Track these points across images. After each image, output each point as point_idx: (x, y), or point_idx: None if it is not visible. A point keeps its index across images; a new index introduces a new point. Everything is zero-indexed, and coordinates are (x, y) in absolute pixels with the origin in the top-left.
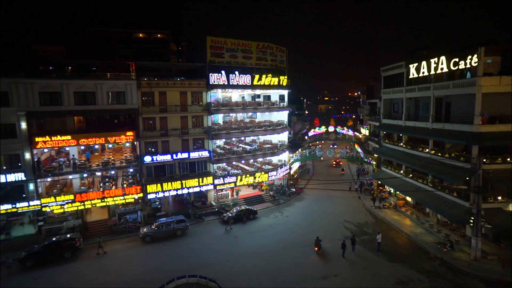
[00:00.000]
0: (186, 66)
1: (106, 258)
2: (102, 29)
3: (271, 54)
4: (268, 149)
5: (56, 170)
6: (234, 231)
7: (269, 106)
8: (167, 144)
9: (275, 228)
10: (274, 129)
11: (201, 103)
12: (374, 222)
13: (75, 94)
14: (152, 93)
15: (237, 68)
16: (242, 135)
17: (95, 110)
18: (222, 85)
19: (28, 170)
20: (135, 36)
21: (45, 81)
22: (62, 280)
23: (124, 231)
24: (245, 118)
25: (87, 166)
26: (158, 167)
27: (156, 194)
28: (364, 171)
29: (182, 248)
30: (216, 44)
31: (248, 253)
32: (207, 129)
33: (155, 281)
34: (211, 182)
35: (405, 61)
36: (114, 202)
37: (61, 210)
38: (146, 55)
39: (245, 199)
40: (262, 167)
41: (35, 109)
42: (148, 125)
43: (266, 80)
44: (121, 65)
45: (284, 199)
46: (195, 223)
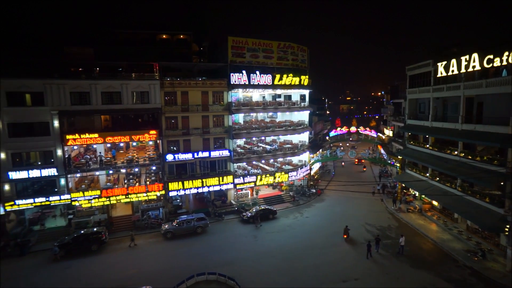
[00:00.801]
0: (207, 66)
1: (130, 252)
2: (128, 31)
3: (292, 53)
4: (288, 149)
5: (84, 167)
6: (253, 231)
7: (290, 106)
8: (189, 143)
9: (295, 228)
10: (294, 129)
11: (222, 103)
12: (398, 226)
13: (103, 94)
14: (174, 92)
15: (258, 68)
16: (262, 135)
17: (121, 109)
18: (243, 85)
19: (59, 166)
20: (158, 37)
21: (75, 82)
22: (90, 271)
23: (147, 227)
24: (266, 118)
25: (112, 163)
26: (179, 165)
27: (177, 192)
28: (387, 173)
29: (202, 246)
30: (237, 44)
31: (267, 253)
32: (228, 129)
33: (175, 277)
34: (231, 181)
35: (432, 59)
36: (138, 198)
37: (88, 205)
38: (169, 55)
39: (264, 199)
40: (282, 167)
41: (66, 108)
42: (170, 124)
43: (287, 80)
44: (145, 66)
45: (304, 200)
46: (215, 222)
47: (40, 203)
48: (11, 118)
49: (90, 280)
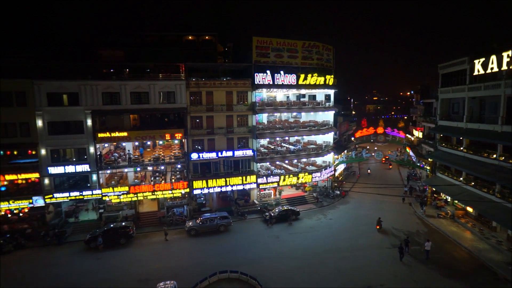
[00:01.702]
0: (232, 67)
1: (155, 247)
2: (156, 33)
3: (317, 53)
4: (312, 149)
5: (114, 164)
6: (276, 231)
7: (314, 106)
8: (213, 142)
9: (318, 230)
10: (319, 129)
11: (246, 103)
12: (427, 232)
13: (132, 94)
14: (199, 92)
15: (282, 67)
16: (286, 135)
17: (148, 109)
18: (267, 85)
19: (92, 162)
20: (185, 38)
21: (107, 83)
22: (118, 263)
23: (172, 223)
24: (290, 118)
25: (140, 160)
26: (204, 164)
27: (201, 190)
28: (416, 176)
29: (224, 244)
30: (262, 44)
31: (289, 254)
32: (252, 128)
33: (198, 273)
34: (254, 180)
35: (468, 57)
36: (163, 195)
37: (117, 200)
38: (195, 56)
39: (287, 199)
40: (305, 168)
41: (99, 108)
42: (195, 124)
43: (312, 80)
44: (171, 67)
45: (328, 202)
46: (238, 220)
47: (75, 197)
48: (50, 117)
49: (118, 271)
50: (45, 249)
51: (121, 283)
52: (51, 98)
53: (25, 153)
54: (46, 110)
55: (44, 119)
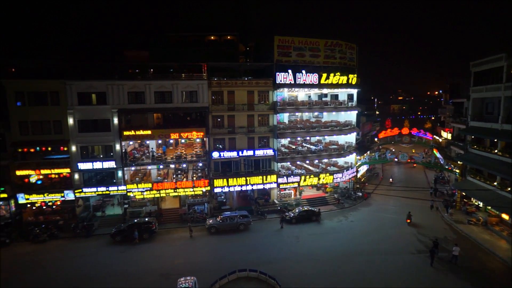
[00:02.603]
0: (253, 66)
1: (177, 243)
2: (179, 34)
3: (339, 51)
4: (334, 150)
5: (138, 161)
6: (296, 231)
7: (337, 105)
8: (234, 141)
9: (339, 232)
10: (341, 129)
11: (267, 102)
12: (456, 239)
13: (155, 94)
14: (221, 92)
15: (304, 67)
16: (307, 135)
17: (171, 108)
18: (289, 84)
19: (117, 159)
20: (207, 38)
21: (132, 82)
22: (141, 257)
23: (192, 220)
24: (311, 118)
25: (163, 158)
26: (224, 163)
27: (222, 189)
28: (444, 180)
29: (244, 243)
30: (284, 43)
31: (309, 255)
32: (273, 128)
33: (217, 270)
34: (274, 180)
35: (505, 53)
36: (185, 193)
37: (141, 196)
38: (217, 56)
39: (308, 199)
40: (327, 168)
41: (124, 107)
42: (216, 123)
43: (334, 79)
44: (194, 66)
45: (349, 203)
46: (258, 220)
47: (102, 192)
48: (80, 115)
49: (141, 265)
50: (75, 240)
51: (144, 277)
52: (81, 97)
53: (58, 149)
54: (76, 109)
55: (75, 118)
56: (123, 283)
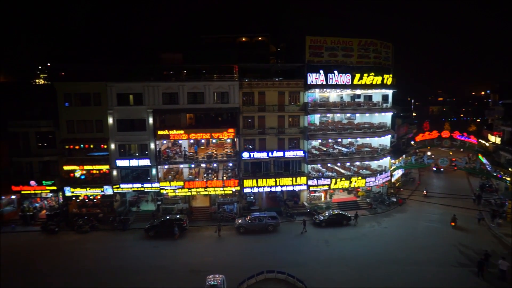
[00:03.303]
0: (284, 67)
1: (206, 241)
2: (211, 36)
3: (374, 51)
4: (366, 153)
5: (171, 159)
6: (326, 235)
7: (370, 107)
8: (264, 142)
9: (370, 238)
10: (374, 131)
11: (298, 103)
12: (507, 254)
13: (188, 94)
14: (252, 93)
15: (336, 67)
16: (339, 137)
17: (203, 108)
18: (320, 85)
19: (152, 157)
20: (238, 40)
21: (167, 84)
22: (173, 253)
23: (222, 219)
24: (343, 119)
25: (194, 157)
26: (254, 163)
27: (251, 189)
28: (491, 188)
29: (272, 244)
30: (315, 44)
31: (338, 260)
32: (303, 129)
33: (245, 270)
34: (304, 182)
35: None
36: (215, 192)
37: (173, 194)
38: (248, 57)
39: (338, 203)
40: (359, 172)
41: (159, 107)
42: (247, 123)
43: (368, 79)
44: (225, 68)
45: (383, 209)
46: (286, 221)
47: (137, 188)
48: (119, 115)
49: (172, 260)
50: (112, 233)
51: (174, 272)
52: (120, 98)
53: (99, 147)
54: (116, 109)
55: (114, 117)
56: (155, 276)
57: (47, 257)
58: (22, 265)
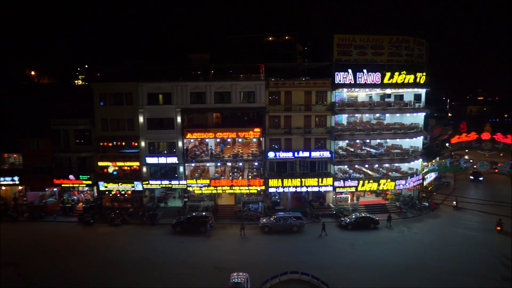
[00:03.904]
0: (311, 66)
1: (231, 239)
2: (238, 36)
3: (406, 48)
4: (396, 154)
5: (198, 158)
6: (352, 238)
7: (401, 107)
8: (290, 142)
9: (400, 243)
10: (405, 132)
11: (325, 103)
12: None
13: (215, 94)
14: (278, 92)
15: (365, 65)
16: (367, 138)
17: (230, 108)
18: (348, 84)
19: (179, 155)
20: (265, 40)
21: (194, 83)
22: (197, 249)
23: (246, 218)
24: (372, 120)
25: (221, 156)
26: (280, 163)
27: (276, 189)
28: None
29: (296, 244)
30: (343, 42)
31: (364, 264)
32: (330, 129)
33: (269, 269)
34: (330, 183)
35: None
36: (240, 191)
37: (199, 191)
38: (274, 56)
39: (366, 206)
40: (388, 174)
41: (187, 106)
42: (273, 123)
43: (399, 78)
44: (252, 67)
45: (413, 213)
46: (311, 222)
47: (165, 185)
48: (149, 114)
49: (198, 256)
50: (141, 227)
51: (199, 267)
52: (150, 97)
53: (130, 144)
54: (146, 108)
55: (144, 116)
56: (180, 271)
57: (83, 246)
58: (62, 251)
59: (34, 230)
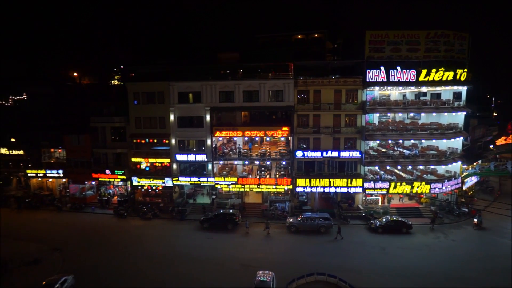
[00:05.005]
0: (341, 64)
1: (257, 237)
2: (267, 35)
3: (445, 43)
4: (432, 156)
5: (226, 156)
6: (382, 242)
7: (438, 106)
8: (318, 141)
9: (435, 250)
10: (443, 133)
11: (356, 102)
12: None
13: (244, 93)
14: (307, 91)
15: (399, 62)
16: (400, 138)
17: (258, 107)
18: (381, 82)
19: (208, 153)
20: (294, 38)
21: (223, 82)
22: (224, 245)
23: (273, 217)
24: (405, 119)
25: (248, 155)
26: (308, 162)
27: (304, 188)
28: None
29: (323, 246)
30: (376, 38)
31: (396, 270)
32: (360, 129)
33: (295, 269)
34: (360, 184)
35: None
36: (267, 189)
37: (227, 189)
38: (303, 55)
39: (397, 209)
40: (422, 176)
41: (216, 105)
42: (301, 122)
43: (437, 75)
44: (280, 66)
45: (450, 219)
46: (339, 224)
47: (194, 182)
48: (179, 112)
49: (225, 253)
50: (171, 222)
51: (226, 264)
52: (180, 96)
53: (161, 141)
54: (176, 106)
55: (175, 114)
56: (207, 266)
57: (117, 237)
58: (100, 241)
59: (76, 220)
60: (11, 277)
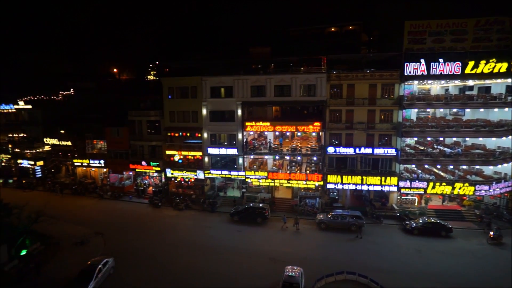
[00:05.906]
0: (377, 57)
1: (286, 232)
2: (299, 28)
3: (499, 31)
4: (478, 155)
5: (257, 150)
6: (418, 244)
7: (487, 100)
8: (351, 137)
9: (479, 257)
10: (491, 131)
11: (392, 96)
12: None
13: (275, 87)
14: (340, 85)
15: (441, 54)
16: (440, 135)
17: (289, 101)
18: (420, 76)
19: (239, 147)
20: (327, 31)
21: (255, 77)
22: (253, 239)
23: (303, 213)
24: (447, 115)
25: (279, 149)
26: (339, 159)
27: (335, 185)
28: None
29: (354, 244)
30: (416, 29)
31: (431, 275)
32: (397, 125)
33: (324, 267)
34: (395, 183)
35: None
36: (297, 185)
37: (257, 183)
38: (337, 48)
39: (436, 210)
40: (466, 177)
41: (247, 100)
42: (334, 117)
43: (486, 67)
44: (313, 60)
45: (499, 224)
46: (372, 223)
47: (224, 175)
48: (211, 107)
49: (253, 246)
50: (202, 213)
51: (254, 257)
52: (213, 91)
53: (194, 135)
54: (209, 101)
55: (207, 109)
56: (236, 258)
57: (152, 225)
58: (136, 228)
59: (115, 207)
60: (63, 254)
